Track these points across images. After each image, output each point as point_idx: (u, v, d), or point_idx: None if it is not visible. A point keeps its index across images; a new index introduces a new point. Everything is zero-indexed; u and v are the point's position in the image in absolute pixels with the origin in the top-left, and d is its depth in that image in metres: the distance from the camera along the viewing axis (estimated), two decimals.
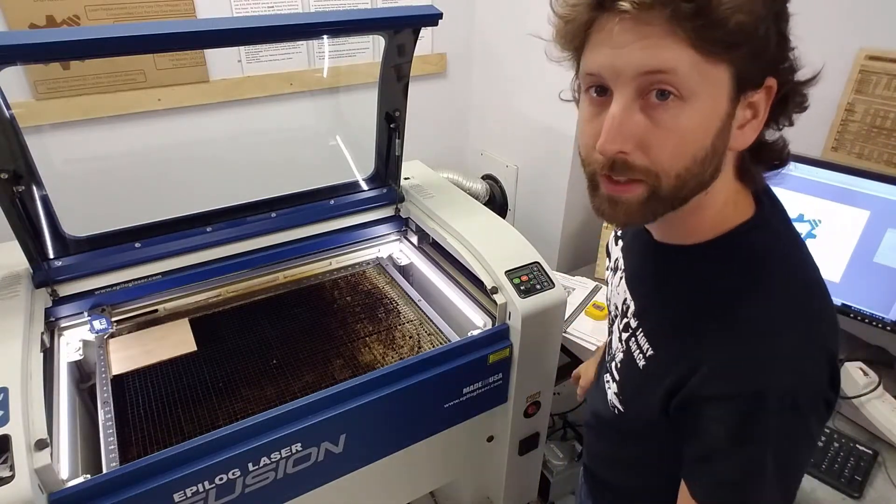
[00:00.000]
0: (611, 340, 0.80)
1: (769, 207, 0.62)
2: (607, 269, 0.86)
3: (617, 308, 0.76)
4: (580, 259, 1.98)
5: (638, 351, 0.68)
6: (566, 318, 1.54)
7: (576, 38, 0.54)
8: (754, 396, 0.54)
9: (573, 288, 1.69)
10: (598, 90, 0.54)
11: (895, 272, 1.24)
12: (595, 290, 1.69)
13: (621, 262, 0.77)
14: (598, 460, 0.90)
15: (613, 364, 0.75)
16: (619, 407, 0.74)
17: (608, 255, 0.87)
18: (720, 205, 0.60)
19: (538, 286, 1.22)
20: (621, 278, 0.75)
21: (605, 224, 1.72)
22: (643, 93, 0.51)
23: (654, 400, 0.64)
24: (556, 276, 1.27)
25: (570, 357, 1.50)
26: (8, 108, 1.01)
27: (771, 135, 0.60)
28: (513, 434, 1.35)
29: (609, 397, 0.76)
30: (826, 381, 0.56)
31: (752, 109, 0.55)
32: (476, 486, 1.52)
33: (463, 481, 1.50)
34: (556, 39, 0.57)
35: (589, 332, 1.52)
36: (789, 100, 0.56)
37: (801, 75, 0.56)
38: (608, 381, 0.77)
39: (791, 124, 0.59)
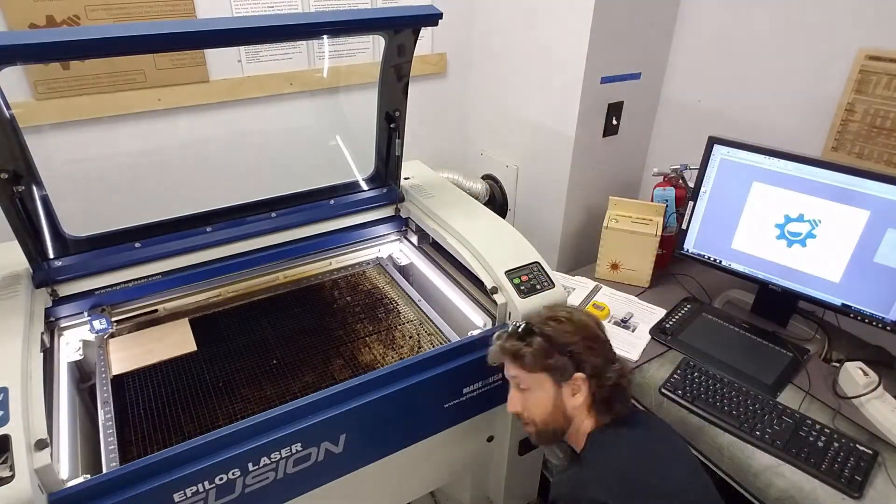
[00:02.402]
0: None
1: (611, 425, 1.04)
2: None
3: None
4: (580, 259, 1.98)
5: None
6: None
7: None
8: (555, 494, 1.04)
9: (573, 288, 1.69)
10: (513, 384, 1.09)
11: (895, 272, 1.24)
12: (595, 290, 1.69)
13: None
14: None
15: None
16: None
17: None
18: (588, 427, 1.04)
19: (538, 286, 1.22)
20: None
21: (605, 224, 1.72)
22: (518, 387, 1.07)
23: None
24: (556, 276, 1.27)
25: None
26: (8, 108, 1.01)
27: (616, 376, 1.04)
28: (513, 434, 1.35)
29: None
30: (612, 488, 0.92)
31: (573, 387, 1.02)
32: (476, 486, 1.52)
33: (463, 481, 1.50)
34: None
35: None
36: (600, 377, 1.03)
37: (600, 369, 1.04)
38: None
39: (591, 382, 1.03)
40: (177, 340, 1.28)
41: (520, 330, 1.05)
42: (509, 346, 1.04)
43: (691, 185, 1.59)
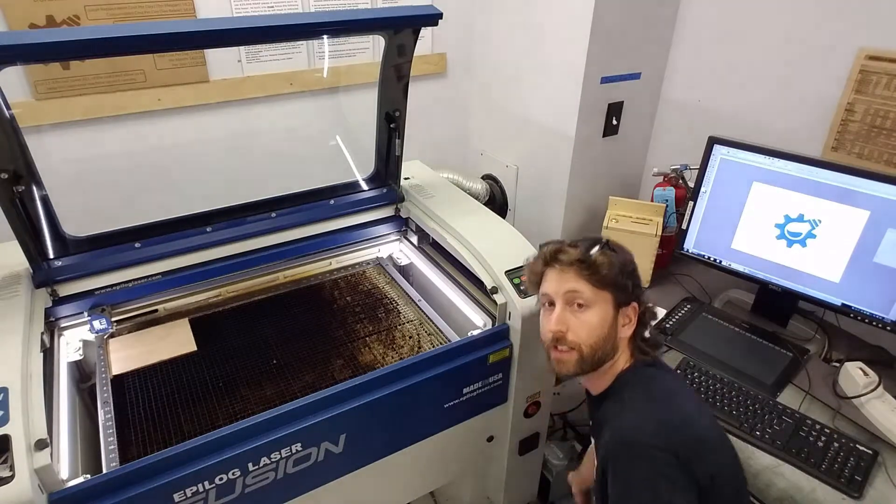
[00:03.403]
0: None
1: (640, 364, 1.01)
2: None
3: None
4: None
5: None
6: None
7: (537, 282, 1.02)
8: (606, 445, 0.93)
9: None
10: (549, 303, 0.99)
11: (895, 272, 1.24)
12: None
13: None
14: None
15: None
16: None
17: None
18: (620, 368, 1.01)
19: None
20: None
21: (605, 224, 1.72)
22: (570, 304, 0.97)
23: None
24: None
25: None
26: (8, 108, 1.01)
27: (650, 332, 1.04)
28: (513, 434, 1.35)
29: None
30: (657, 445, 0.86)
31: (627, 318, 0.99)
32: (476, 486, 1.52)
33: (463, 481, 1.50)
34: (528, 285, 1.07)
35: None
36: (646, 314, 1.01)
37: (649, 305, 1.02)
38: None
39: (652, 326, 1.04)
40: (177, 340, 1.28)
41: (599, 244, 0.98)
42: (591, 256, 0.96)
43: (691, 185, 1.59)
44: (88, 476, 0.91)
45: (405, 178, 1.59)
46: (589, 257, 0.96)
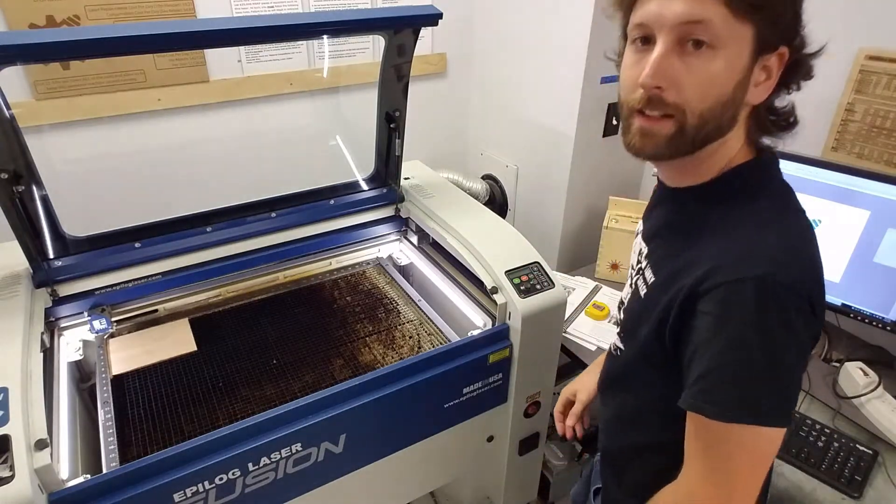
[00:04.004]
0: (621, 302, 0.88)
1: (768, 158, 0.71)
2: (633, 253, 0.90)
3: (633, 266, 0.84)
4: (580, 259, 1.98)
5: (643, 283, 0.76)
6: (566, 318, 1.54)
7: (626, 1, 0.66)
8: (737, 282, 0.61)
9: (573, 288, 1.69)
10: (643, 41, 0.64)
11: (895, 272, 1.24)
12: (595, 290, 1.69)
13: (640, 228, 0.85)
14: (608, 427, 0.91)
15: (622, 308, 0.84)
16: (621, 346, 0.81)
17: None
18: (731, 154, 0.69)
19: (538, 286, 1.22)
20: (639, 236, 0.84)
21: (605, 224, 1.72)
22: (681, 41, 0.61)
23: (652, 322, 0.70)
24: (556, 276, 1.27)
25: (570, 357, 1.50)
26: (8, 108, 1.01)
27: (780, 101, 0.69)
28: (513, 434, 1.35)
29: (614, 342, 0.84)
30: (807, 280, 0.62)
31: (766, 72, 0.64)
32: (476, 486, 1.51)
33: (463, 481, 1.50)
34: (612, 5, 0.70)
35: (589, 332, 1.52)
36: (798, 68, 0.66)
37: (808, 49, 0.66)
38: (616, 333, 0.84)
39: (798, 88, 0.68)
40: (177, 340, 1.28)
41: None
42: None
43: None
44: (88, 476, 0.90)
45: (405, 178, 1.59)
46: None
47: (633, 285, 0.80)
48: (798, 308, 0.61)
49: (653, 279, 0.73)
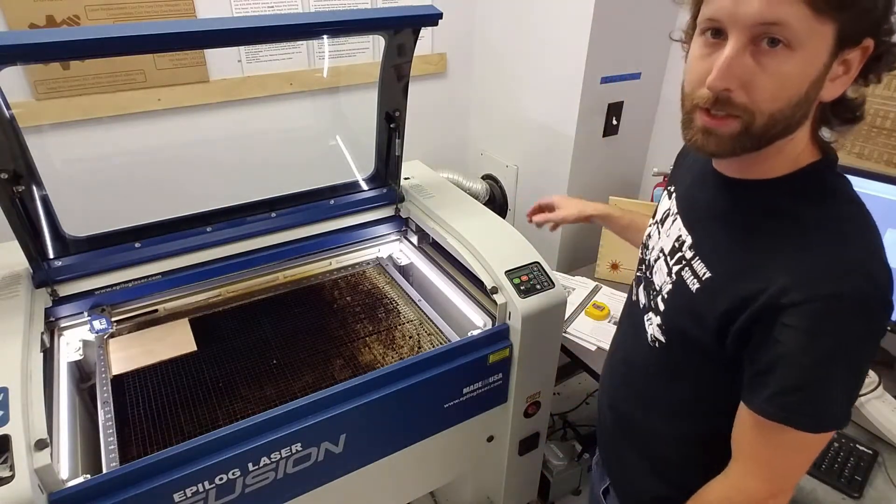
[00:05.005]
0: (650, 283, 0.83)
1: (832, 156, 0.69)
2: (651, 225, 0.88)
3: (664, 251, 0.80)
4: (580, 259, 1.98)
5: (692, 277, 0.72)
6: (566, 318, 1.54)
7: None
8: (832, 298, 0.59)
9: (573, 288, 1.69)
10: (714, 33, 0.61)
11: (895, 272, 1.23)
12: (595, 290, 1.69)
13: (674, 209, 0.81)
14: (627, 404, 0.89)
15: (659, 298, 0.79)
16: (661, 338, 0.78)
17: (654, 214, 0.90)
18: (798, 150, 0.66)
19: (538, 286, 1.22)
20: (674, 221, 0.80)
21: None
22: (755, 40, 0.57)
23: (708, 320, 0.68)
24: (556, 276, 1.27)
25: (570, 357, 1.50)
26: (8, 108, 1.01)
27: (854, 91, 0.64)
28: (513, 434, 1.35)
29: (650, 333, 0.80)
30: (890, 291, 0.62)
31: (844, 66, 0.60)
32: (476, 486, 1.52)
33: (463, 481, 1.50)
34: None
35: (589, 332, 1.52)
36: (882, 59, 0.61)
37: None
38: (649, 319, 0.81)
39: (879, 81, 0.64)
40: (177, 340, 1.28)
41: None
42: None
43: None
44: (88, 476, 0.91)
45: (405, 178, 1.59)
46: None
47: (676, 276, 0.74)
48: (885, 321, 0.62)
49: (707, 274, 0.69)
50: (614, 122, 1.82)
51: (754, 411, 0.65)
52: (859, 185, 1.22)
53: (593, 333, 1.52)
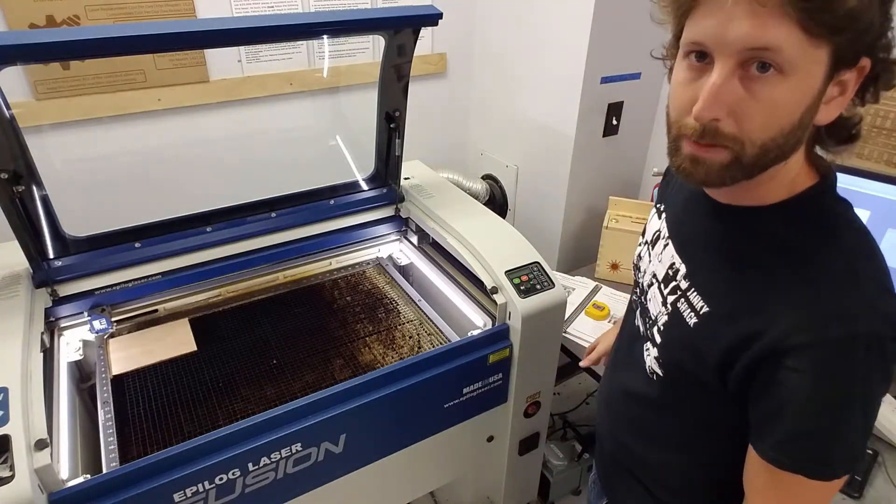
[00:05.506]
0: (646, 310, 0.80)
1: (831, 179, 0.64)
2: (642, 244, 0.86)
3: (657, 277, 0.77)
4: (580, 259, 1.98)
5: (689, 310, 0.69)
6: (566, 318, 1.54)
7: (684, 4, 0.56)
8: (845, 340, 0.56)
9: (573, 288, 1.69)
10: (699, 56, 0.56)
11: (895, 272, 1.23)
12: (595, 290, 1.69)
13: (665, 232, 0.78)
14: (627, 433, 0.87)
15: (655, 328, 0.76)
16: (659, 371, 0.75)
17: (644, 233, 0.87)
18: (793, 174, 0.62)
19: (538, 286, 1.22)
20: (665, 246, 0.77)
21: (605, 224, 1.72)
22: (745, 64, 0.53)
23: (707, 356, 0.65)
24: (556, 276, 1.27)
25: (570, 357, 1.50)
26: (8, 108, 1.01)
27: (849, 110, 0.60)
28: (513, 434, 1.35)
29: (647, 364, 0.77)
30: (891, 335, 0.58)
31: (840, 87, 0.56)
32: (476, 486, 1.52)
33: (463, 481, 1.50)
34: (660, 3, 0.60)
35: (589, 332, 1.52)
36: (879, 78, 0.57)
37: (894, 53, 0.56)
38: (647, 349, 0.78)
39: (876, 101, 0.60)
40: (177, 340, 1.28)
41: None
42: None
43: None
44: (88, 476, 0.91)
45: (405, 178, 1.59)
46: None
47: (672, 307, 0.71)
48: (892, 355, 0.58)
49: (705, 309, 0.66)
50: (614, 122, 1.82)
51: (762, 458, 0.62)
52: (859, 185, 1.23)
53: (593, 333, 1.52)
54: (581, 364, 1.20)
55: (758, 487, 0.66)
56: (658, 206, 0.85)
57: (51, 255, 1.22)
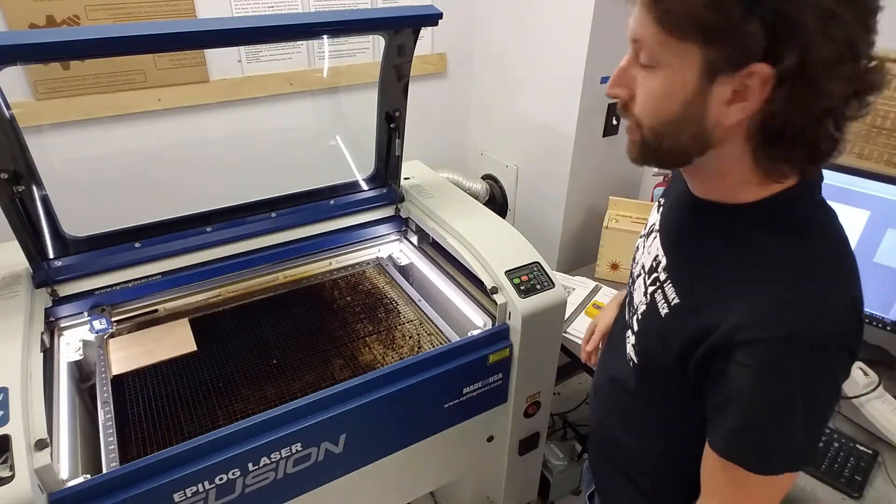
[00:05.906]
0: (632, 299, 0.83)
1: (811, 181, 0.64)
2: (640, 237, 0.88)
3: (644, 268, 0.80)
4: (580, 259, 1.98)
5: (663, 301, 0.71)
6: (566, 318, 1.54)
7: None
8: (785, 340, 0.58)
9: (573, 288, 1.69)
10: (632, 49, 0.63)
11: (895, 272, 1.24)
12: (595, 290, 1.69)
13: (657, 226, 0.81)
14: (610, 419, 0.89)
15: (635, 317, 0.79)
16: (635, 358, 0.78)
17: (647, 224, 0.90)
18: (746, 173, 0.62)
19: (538, 286, 1.22)
20: (654, 238, 0.79)
21: (605, 224, 1.72)
22: (637, 56, 0.61)
23: (673, 346, 0.67)
24: (556, 276, 1.27)
25: (570, 357, 1.50)
26: (8, 108, 1.01)
27: (778, 119, 0.56)
28: (513, 434, 1.35)
29: (627, 351, 0.81)
30: (852, 332, 0.60)
31: (741, 86, 0.55)
32: (476, 486, 1.52)
33: (463, 481, 1.50)
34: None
35: None
36: (813, 91, 0.54)
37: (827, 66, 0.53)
38: (628, 336, 0.81)
39: (860, 116, 0.61)
40: (177, 340, 1.28)
41: None
42: None
43: None
44: (88, 476, 0.91)
45: (405, 178, 1.59)
46: None
47: (650, 297, 0.74)
48: (845, 363, 0.60)
49: (676, 301, 0.69)
50: (614, 122, 1.82)
51: (712, 448, 0.64)
52: (859, 185, 1.23)
53: None
54: (582, 350, 1.17)
55: (709, 477, 0.68)
56: (661, 199, 0.87)
57: (51, 255, 1.22)
